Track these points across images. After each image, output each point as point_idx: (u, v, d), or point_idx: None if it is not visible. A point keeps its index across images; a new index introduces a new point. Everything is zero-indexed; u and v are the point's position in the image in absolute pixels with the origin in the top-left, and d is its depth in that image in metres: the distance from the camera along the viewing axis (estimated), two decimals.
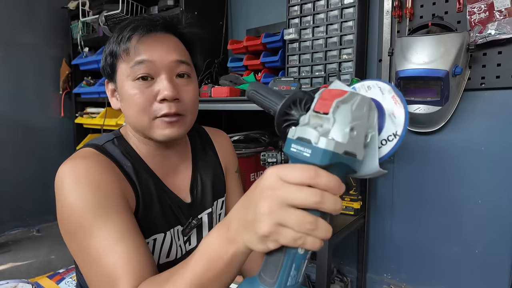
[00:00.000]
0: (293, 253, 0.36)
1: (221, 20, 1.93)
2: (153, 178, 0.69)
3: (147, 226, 0.65)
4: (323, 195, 0.34)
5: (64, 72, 2.60)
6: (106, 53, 0.67)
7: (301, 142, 0.35)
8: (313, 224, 0.34)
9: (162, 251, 0.68)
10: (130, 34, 0.63)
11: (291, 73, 1.55)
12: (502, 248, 1.24)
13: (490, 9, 1.13)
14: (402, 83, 1.23)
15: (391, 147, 0.39)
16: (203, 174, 0.79)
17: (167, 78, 0.63)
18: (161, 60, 0.63)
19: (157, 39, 0.65)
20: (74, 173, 0.58)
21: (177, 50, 0.66)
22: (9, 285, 1.10)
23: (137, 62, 0.62)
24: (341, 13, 1.40)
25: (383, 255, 1.53)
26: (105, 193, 0.58)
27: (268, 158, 1.37)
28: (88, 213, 0.55)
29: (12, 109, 2.42)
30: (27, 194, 2.51)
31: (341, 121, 0.34)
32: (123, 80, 0.64)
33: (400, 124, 0.38)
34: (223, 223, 0.43)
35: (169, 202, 0.70)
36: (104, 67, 0.69)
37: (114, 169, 0.63)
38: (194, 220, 0.73)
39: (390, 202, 1.49)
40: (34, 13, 2.48)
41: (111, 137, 0.69)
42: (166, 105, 0.63)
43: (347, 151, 0.34)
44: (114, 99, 0.70)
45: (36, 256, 2.08)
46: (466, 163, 1.30)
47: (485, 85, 1.21)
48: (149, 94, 0.63)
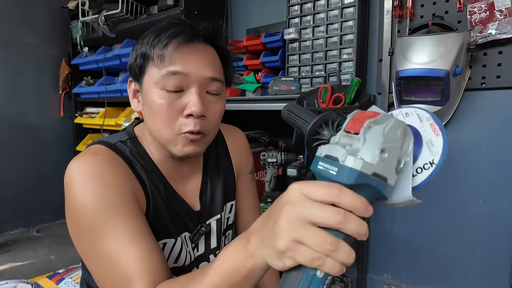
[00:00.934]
0: (311, 275, 0.33)
1: (221, 20, 1.93)
2: (163, 183, 0.67)
3: (156, 229, 0.63)
4: (347, 215, 0.32)
5: (64, 72, 2.60)
6: (137, 53, 0.63)
7: (328, 160, 0.34)
8: (334, 245, 0.32)
9: (171, 256, 0.68)
10: (168, 40, 0.59)
11: (291, 73, 1.55)
12: (502, 248, 1.24)
13: (490, 8, 1.13)
14: (402, 83, 1.22)
15: (427, 175, 0.38)
16: (213, 178, 0.77)
17: (197, 92, 0.60)
18: (195, 74, 0.60)
19: (195, 50, 0.61)
20: (85, 170, 0.57)
21: (212, 65, 0.63)
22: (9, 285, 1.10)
23: (170, 72, 0.59)
24: (341, 12, 1.40)
25: (383, 255, 1.53)
26: (117, 193, 0.56)
27: (268, 158, 1.37)
28: (100, 214, 0.54)
29: (12, 109, 2.42)
30: (27, 194, 2.50)
31: (371, 141, 0.33)
32: (151, 86, 0.61)
33: (438, 153, 0.37)
34: (244, 236, 0.42)
35: (178, 209, 0.69)
36: (131, 66, 0.65)
37: (125, 167, 0.62)
38: (203, 228, 0.72)
39: None
40: (33, 13, 2.48)
41: (124, 138, 0.67)
42: (191, 122, 0.60)
43: (377, 173, 0.33)
44: (136, 100, 0.67)
45: (35, 256, 2.07)
46: (467, 163, 1.30)
47: (486, 85, 1.21)
48: (176, 107, 0.60)
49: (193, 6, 1.75)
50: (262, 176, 1.62)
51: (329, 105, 1.04)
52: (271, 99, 1.34)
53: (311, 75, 1.50)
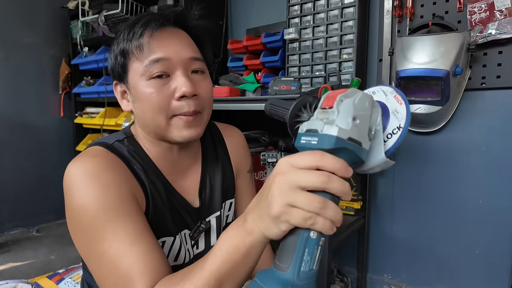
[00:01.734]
0: (306, 237, 0.37)
1: (221, 20, 1.93)
2: (162, 181, 0.67)
3: (156, 228, 0.64)
4: (330, 176, 0.36)
5: (64, 72, 2.60)
6: (116, 52, 0.64)
7: (309, 133, 0.38)
8: (322, 203, 0.36)
9: (170, 254, 0.68)
10: (142, 30, 0.61)
11: (291, 73, 1.55)
12: (502, 248, 1.24)
13: (490, 8, 1.13)
14: (402, 82, 1.22)
15: (396, 139, 0.43)
16: (212, 175, 0.77)
17: (183, 74, 0.61)
18: (177, 57, 0.61)
19: (170, 34, 0.63)
20: (84, 172, 0.57)
21: (190, 46, 0.64)
22: (9, 285, 1.10)
23: (153, 60, 0.60)
24: (342, 12, 1.40)
25: (383, 255, 1.53)
26: (116, 194, 0.57)
27: (268, 158, 1.37)
28: (100, 215, 0.55)
29: (12, 109, 2.42)
30: (27, 194, 2.50)
31: (344, 111, 0.37)
32: (137, 80, 0.61)
33: (403, 118, 0.42)
34: (241, 217, 0.45)
35: (177, 206, 0.69)
36: (113, 67, 0.65)
37: (124, 168, 0.62)
38: (203, 224, 0.72)
39: (390, 202, 1.49)
40: (33, 12, 2.48)
41: (121, 137, 0.68)
42: (185, 103, 0.61)
43: (351, 137, 0.37)
44: (125, 101, 0.67)
45: (35, 256, 2.07)
46: (467, 163, 1.30)
47: (486, 85, 1.21)
48: (166, 92, 0.60)
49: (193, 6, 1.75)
50: (262, 176, 1.62)
51: None
52: None
53: (311, 75, 1.50)
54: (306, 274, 0.37)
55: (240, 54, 1.79)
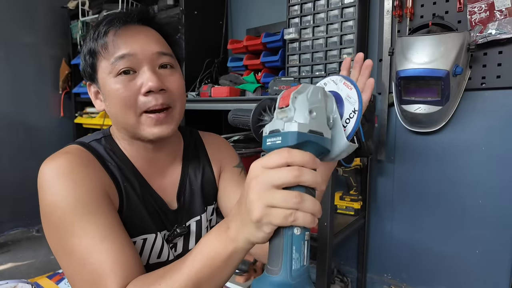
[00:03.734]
0: (290, 235, 0.38)
1: (221, 20, 1.93)
2: (139, 180, 0.67)
3: (133, 226, 0.63)
4: (301, 169, 0.37)
5: (64, 71, 2.60)
6: (85, 53, 0.64)
7: (272, 134, 0.40)
8: (298, 197, 0.37)
9: (153, 251, 0.67)
10: (106, 28, 0.60)
11: (291, 73, 1.55)
12: (502, 248, 1.24)
13: (490, 8, 1.13)
14: (402, 82, 1.22)
15: (354, 122, 0.44)
16: (193, 179, 0.76)
17: (150, 69, 0.61)
18: (142, 52, 0.60)
19: (135, 31, 0.62)
20: (55, 169, 0.57)
21: (157, 41, 0.64)
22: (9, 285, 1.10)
23: (118, 57, 0.59)
24: (342, 12, 1.40)
25: (383, 255, 1.53)
26: (88, 190, 0.56)
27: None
28: (70, 211, 0.54)
29: (12, 108, 2.42)
30: (27, 194, 2.50)
31: (300, 107, 0.39)
32: (105, 78, 0.61)
33: (355, 101, 0.45)
34: (223, 222, 0.45)
35: (154, 205, 0.68)
36: (84, 68, 0.65)
37: (97, 165, 0.62)
38: (178, 229, 0.71)
39: (390, 202, 1.49)
40: (33, 12, 2.48)
41: (99, 136, 0.68)
42: (152, 98, 0.60)
43: (312, 129, 0.39)
44: (98, 101, 0.67)
45: (35, 256, 2.07)
46: (467, 163, 1.30)
47: (486, 85, 1.21)
48: (132, 87, 0.60)
49: (193, 6, 1.75)
50: None
51: None
52: (271, 99, 1.34)
53: (311, 75, 1.50)
54: (298, 272, 0.38)
55: (240, 54, 1.79)
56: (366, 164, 1.44)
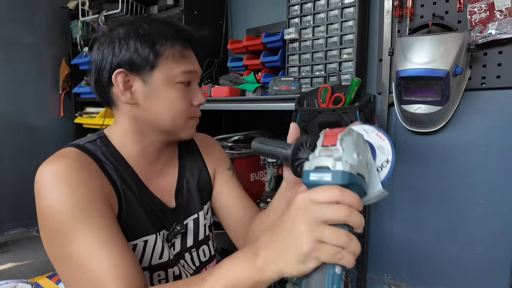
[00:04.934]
0: (332, 273, 0.37)
1: (221, 20, 1.93)
2: (136, 181, 0.68)
3: (133, 228, 0.63)
4: (351, 209, 0.38)
5: (64, 71, 2.60)
6: (143, 44, 0.62)
7: (319, 170, 0.40)
8: (347, 236, 0.37)
9: (155, 252, 0.67)
10: (176, 38, 0.67)
11: (291, 73, 1.55)
12: (502, 248, 1.24)
13: (490, 8, 1.13)
14: (402, 83, 1.22)
15: (387, 171, 0.46)
16: (189, 178, 0.80)
17: (197, 85, 0.73)
18: (197, 71, 0.72)
19: (191, 50, 0.72)
20: (53, 173, 0.56)
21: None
22: (9, 285, 1.10)
23: (189, 70, 0.68)
24: (342, 12, 1.40)
25: (383, 255, 1.53)
26: (86, 194, 0.55)
27: (268, 158, 1.37)
28: (68, 216, 0.53)
29: (12, 108, 2.42)
30: (27, 194, 2.48)
31: (348, 148, 0.40)
32: (164, 80, 0.66)
33: (389, 152, 0.47)
34: (251, 250, 0.44)
35: (152, 207, 0.69)
36: (132, 57, 0.62)
37: (95, 168, 0.62)
38: (178, 226, 0.73)
39: (390, 202, 1.49)
40: (33, 12, 2.48)
41: (94, 137, 0.69)
42: (198, 109, 0.73)
43: (359, 172, 0.40)
44: (128, 92, 0.65)
45: (35, 256, 2.07)
46: (467, 163, 1.30)
47: (486, 85, 1.21)
48: (187, 98, 0.70)
49: (193, 6, 1.75)
50: (262, 176, 1.62)
51: (329, 105, 1.04)
52: (271, 99, 1.34)
53: (311, 75, 1.50)
54: None
55: (240, 54, 1.79)
56: None
